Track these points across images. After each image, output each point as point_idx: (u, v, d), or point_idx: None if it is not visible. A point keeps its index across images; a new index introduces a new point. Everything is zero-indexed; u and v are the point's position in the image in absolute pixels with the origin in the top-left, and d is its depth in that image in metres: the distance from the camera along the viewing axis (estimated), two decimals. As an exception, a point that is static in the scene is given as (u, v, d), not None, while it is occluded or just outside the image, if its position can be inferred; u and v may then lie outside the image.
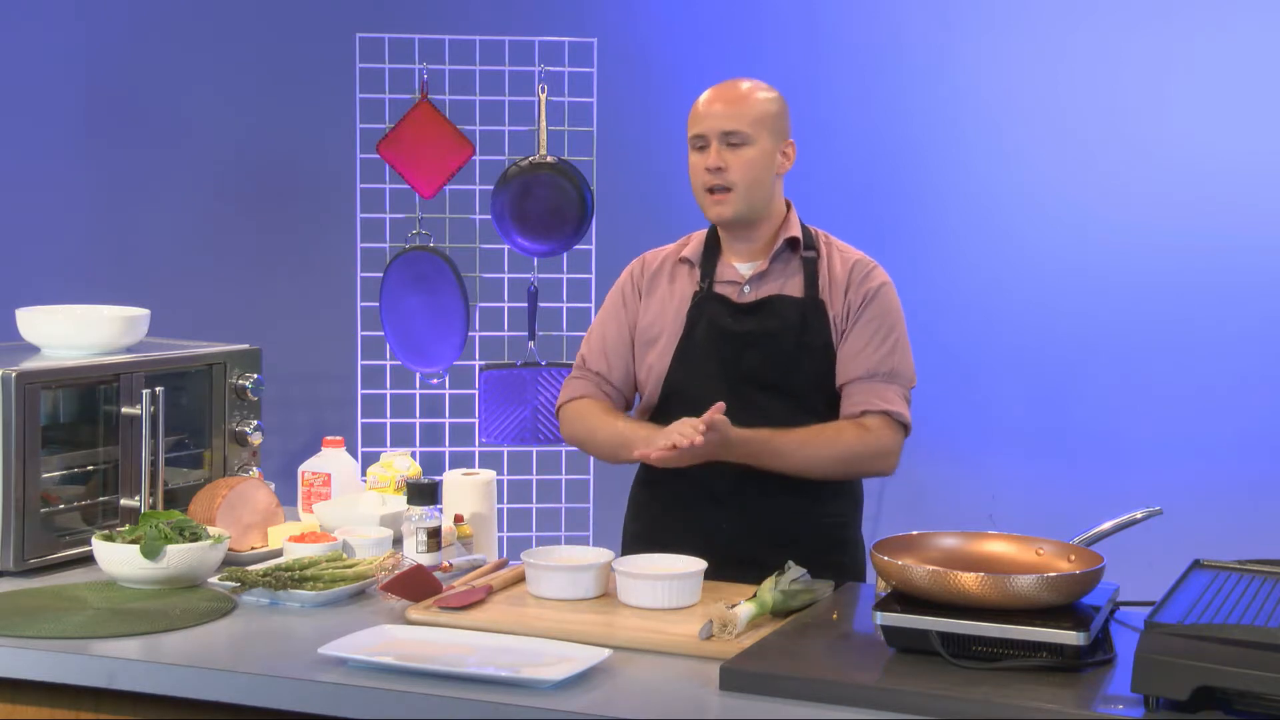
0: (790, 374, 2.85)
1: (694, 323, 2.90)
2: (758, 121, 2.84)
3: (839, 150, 5.17)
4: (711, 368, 2.86)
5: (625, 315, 2.99)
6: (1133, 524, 2.48)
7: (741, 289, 2.90)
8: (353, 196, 4.81)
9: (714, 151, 2.84)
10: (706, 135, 2.85)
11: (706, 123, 2.85)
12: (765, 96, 2.88)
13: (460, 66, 4.74)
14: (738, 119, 2.83)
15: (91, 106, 5.55)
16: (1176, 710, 1.93)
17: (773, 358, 2.85)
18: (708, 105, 2.87)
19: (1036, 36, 5.07)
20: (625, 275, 3.04)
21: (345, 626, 2.35)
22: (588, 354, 3.02)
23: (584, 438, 2.96)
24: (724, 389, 2.81)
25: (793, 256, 2.92)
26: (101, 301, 3.23)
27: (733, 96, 2.87)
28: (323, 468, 3.14)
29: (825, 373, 2.87)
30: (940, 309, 5.11)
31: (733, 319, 2.88)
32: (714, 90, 2.89)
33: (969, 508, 4.96)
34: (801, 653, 2.20)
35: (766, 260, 2.90)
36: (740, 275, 2.91)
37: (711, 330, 2.88)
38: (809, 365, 2.85)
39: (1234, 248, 4.91)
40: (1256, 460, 4.89)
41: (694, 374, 2.87)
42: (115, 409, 2.92)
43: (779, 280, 2.90)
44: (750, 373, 2.85)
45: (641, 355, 2.96)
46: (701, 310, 2.90)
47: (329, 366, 5.19)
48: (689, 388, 2.87)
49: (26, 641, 2.31)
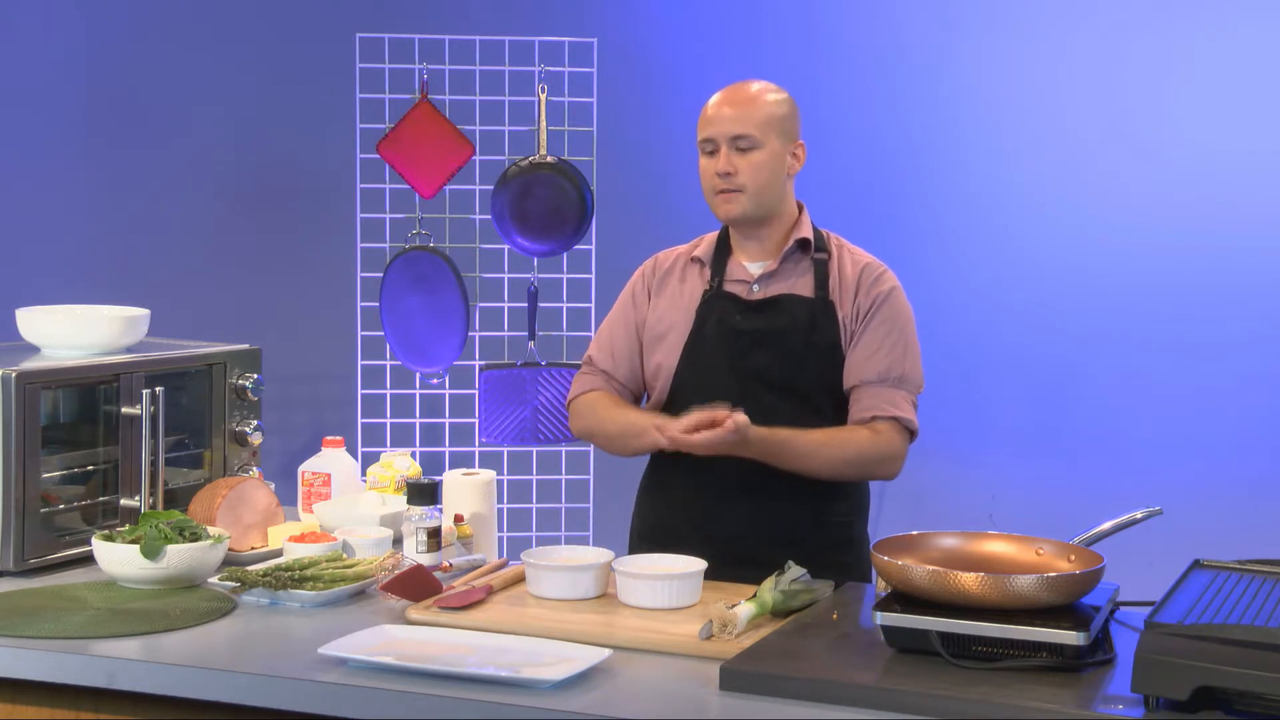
0: (797, 373, 2.86)
1: (703, 320, 2.91)
2: (766, 124, 2.85)
3: (839, 150, 5.17)
4: (719, 364, 2.87)
5: (634, 314, 3.00)
6: (1133, 524, 2.48)
7: (751, 287, 2.91)
8: (353, 196, 4.81)
9: (723, 156, 2.84)
10: (716, 139, 2.86)
11: (715, 126, 2.85)
12: (774, 99, 2.88)
13: (460, 66, 4.74)
14: (746, 122, 2.83)
15: (91, 106, 5.55)
16: (1176, 710, 1.92)
17: (780, 356, 2.86)
18: (716, 109, 2.87)
19: (1036, 36, 5.07)
20: (637, 274, 3.05)
21: (345, 626, 2.35)
22: (595, 353, 3.03)
23: (594, 428, 2.97)
24: (732, 386, 2.83)
25: (803, 257, 2.92)
26: (101, 301, 3.23)
27: (741, 99, 2.87)
28: (323, 468, 3.14)
29: (832, 373, 2.87)
30: (940, 309, 5.10)
31: (741, 317, 2.89)
32: (723, 93, 2.90)
33: (969, 508, 4.96)
34: (801, 653, 2.20)
35: (777, 260, 2.91)
36: (750, 274, 2.92)
37: (720, 328, 2.89)
38: (816, 365, 2.86)
39: (1234, 248, 4.91)
40: (1256, 460, 4.89)
41: (702, 371, 2.89)
42: (115, 409, 2.92)
43: (789, 280, 2.91)
44: (758, 370, 2.86)
45: (650, 353, 2.97)
46: (711, 308, 2.91)
47: (329, 366, 5.19)
48: (697, 384, 2.88)
49: (26, 641, 2.31)
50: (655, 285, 3.00)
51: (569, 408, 3.06)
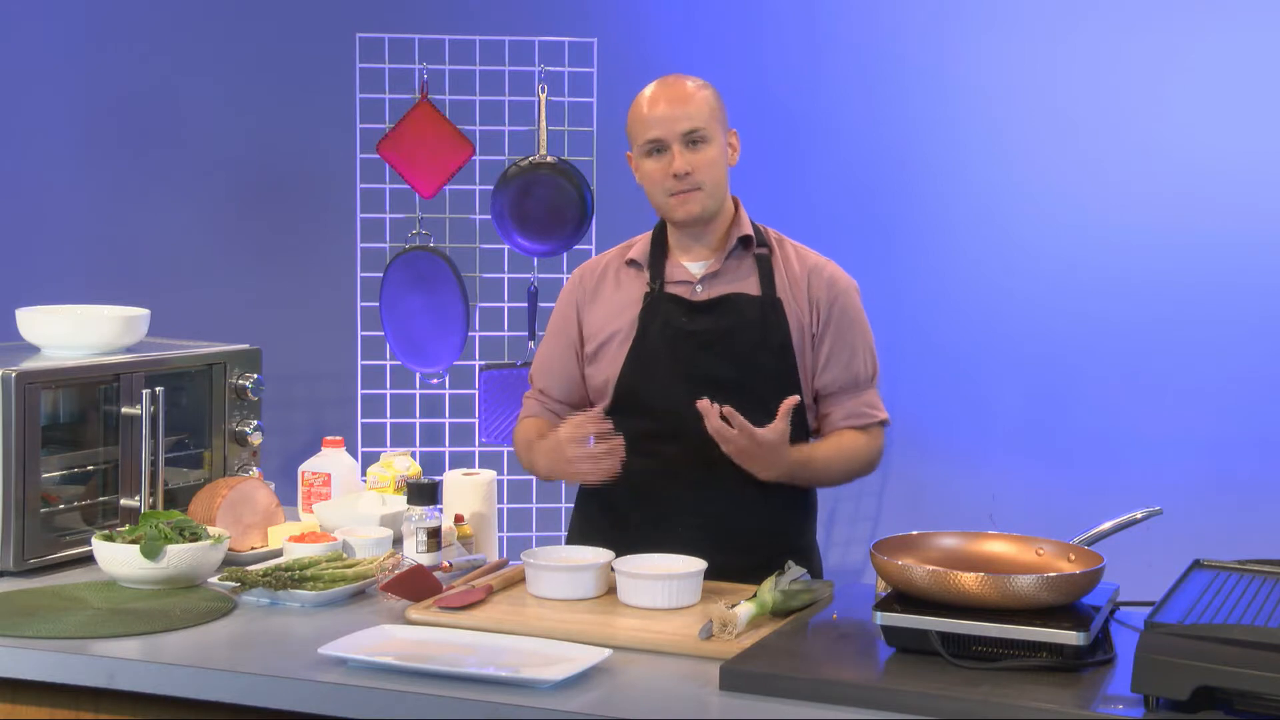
0: (748, 373, 2.79)
1: (647, 324, 2.83)
2: (711, 116, 2.79)
3: (839, 150, 5.17)
4: (666, 368, 2.80)
5: (566, 330, 2.93)
6: (1133, 524, 2.48)
7: (695, 288, 2.84)
8: (353, 196, 4.81)
9: (677, 155, 2.76)
10: (664, 139, 2.77)
11: (662, 126, 2.77)
12: (708, 91, 2.82)
13: (460, 66, 4.74)
14: (694, 117, 2.76)
15: (91, 106, 5.55)
16: (1176, 710, 1.93)
17: (729, 357, 2.79)
18: (654, 108, 2.78)
19: (1036, 36, 5.07)
20: (565, 289, 2.97)
21: (345, 626, 2.35)
22: (534, 371, 2.99)
23: (526, 464, 2.93)
24: (681, 390, 2.75)
25: (746, 255, 2.86)
26: (101, 301, 3.23)
27: (680, 96, 2.79)
28: (323, 468, 3.14)
29: (784, 373, 2.81)
30: (940, 309, 5.11)
31: (688, 318, 2.81)
32: (655, 90, 2.81)
33: (969, 508, 4.96)
34: (801, 653, 2.21)
35: (719, 259, 2.84)
36: (692, 275, 2.85)
37: (666, 331, 2.81)
38: (766, 365, 2.80)
39: (1234, 247, 4.90)
40: (1256, 460, 4.89)
41: (649, 376, 2.81)
42: (115, 409, 2.92)
43: (734, 279, 2.84)
44: (707, 373, 2.78)
45: (592, 364, 2.89)
46: (654, 311, 2.83)
47: (329, 366, 5.19)
48: (643, 390, 2.82)
49: (26, 641, 2.31)
50: (587, 296, 2.92)
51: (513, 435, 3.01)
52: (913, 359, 5.07)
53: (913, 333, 5.07)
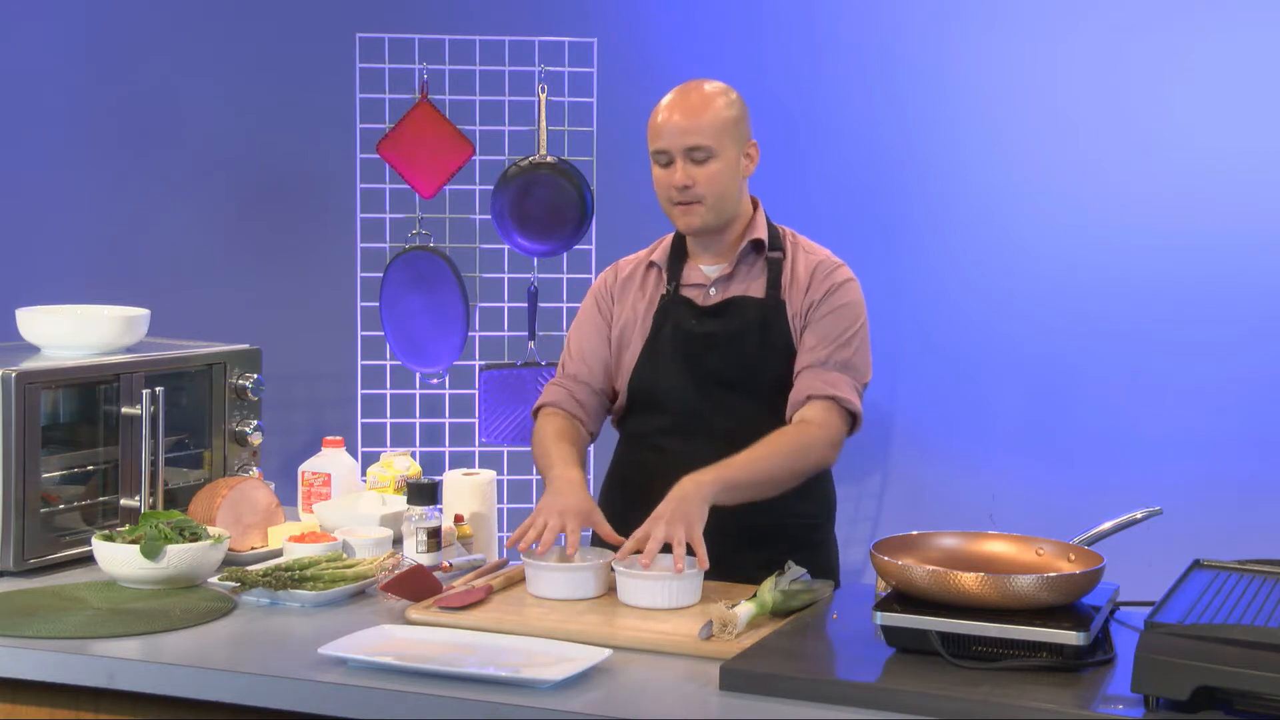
0: (753, 374, 2.83)
1: (659, 326, 2.89)
2: (720, 132, 2.77)
3: (839, 150, 5.17)
4: (677, 369, 2.86)
5: (600, 319, 2.97)
6: (1133, 524, 2.48)
7: (707, 291, 2.88)
8: (353, 196, 4.81)
9: (679, 169, 2.77)
10: (669, 151, 2.78)
11: (668, 138, 2.78)
12: (724, 103, 2.80)
13: (460, 66, 4.74)
14: (699, 133, 2.76)
15: (91, 106, 5.55)
16: (1176, 710, 1.93)
17: (736, 358, 2.83)
18: (667, 118, 2.79)
19: (1036, 36, 5.07)
20: (598, 283, 3.02)
21: (345, 626, 2.35)
22: (567, 359, 3.00)
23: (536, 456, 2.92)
24: (691, 390, 2.83)
25: (758, 258, 2.88)
26: (101, 301, 3.23)
27: (691, 108, 2.78)
28: (323, 468, 3.14)
29: (788, 373, 2.83)
30: (940, 309, 5.11)
31: (697, 321, 2.86)
32: (672, 100, 2.81)
33: (969, 508, 4.96)
34: (801, 653, 2.21)
35: (731, 263, 2.87)
36: (706, 278, 2.89)
37: (676, 333, 2.86)
38: (772, 365, 2.83)
39: (1234, 248, 4.90)
40: (1256, 460, 4.89)
41: (661, 376, 2.87)
42: (115, 409, 2.92)
43: (743, 282, 2.87)
44: (715, 374, 2.84)
45: (617, 359, 2.95)
46: (667, 313, 2.89)
47: (329, 366, 5.19)
48: (656, 389, 2.87)
49: (26, 641, 2.31)
50: (617, 292, 2.97)
51: (533, 416, 2.99)
52: (913, 359, 5.07)
53: (913, 333, 5.07)
